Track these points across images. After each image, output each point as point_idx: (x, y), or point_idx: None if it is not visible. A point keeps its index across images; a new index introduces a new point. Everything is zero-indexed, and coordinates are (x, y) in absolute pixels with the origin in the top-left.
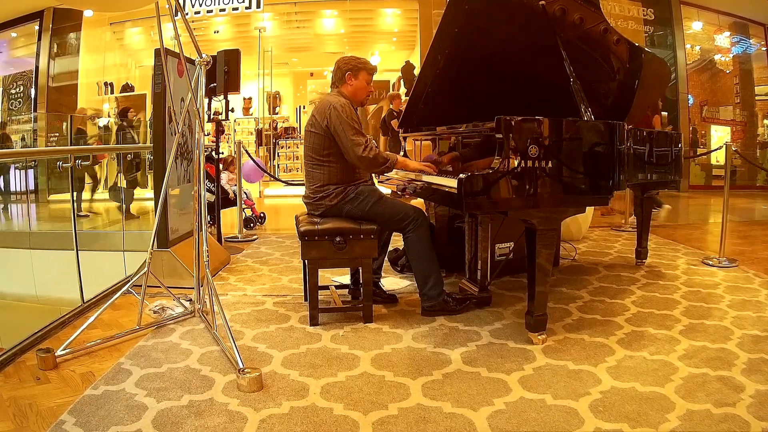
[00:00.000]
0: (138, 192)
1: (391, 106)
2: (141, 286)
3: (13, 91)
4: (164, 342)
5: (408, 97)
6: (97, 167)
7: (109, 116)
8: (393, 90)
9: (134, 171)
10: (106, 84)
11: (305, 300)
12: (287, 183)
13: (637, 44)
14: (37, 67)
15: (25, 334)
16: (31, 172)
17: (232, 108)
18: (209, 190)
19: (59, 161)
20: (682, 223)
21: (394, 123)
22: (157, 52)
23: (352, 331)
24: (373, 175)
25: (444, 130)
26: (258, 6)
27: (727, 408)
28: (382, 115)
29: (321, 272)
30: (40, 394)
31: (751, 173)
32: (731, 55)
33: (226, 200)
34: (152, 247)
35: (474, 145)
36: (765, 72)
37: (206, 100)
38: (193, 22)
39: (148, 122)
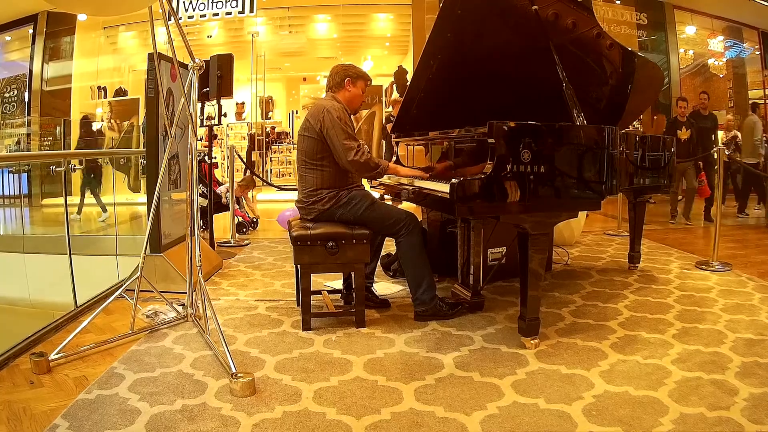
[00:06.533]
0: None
1: (391, 110)
2: (134, 290)
3: (6, 95)
4: (157, 346)
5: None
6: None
7: (102, 120)
8: (386, 95)
9: None
10: (99, 88)
11: (298, 305)
12: (279, 188)
13: (630, 49)
14: (30, 71)
15: (18, 338)
16: (24, 176)
17: (225, 113)
18: (202, 195)
19: (52, 165)
20: (676, 227)
21: (389, 127)
22: (150, 57)
23: (344, 336)
24: (365, 180)
25: (436, 135)
26: (251, 11)
27: (720, 411)
28: (373, 121)
29: (313, 277)
30: (34, 398)
31: None
32: (725, 59)
33: (219, 205)
34: (145, 251)
35: (467, 150)
36: (759, 76)
37: (199, 105)
38: (186, 26)
39: (141, 127)
